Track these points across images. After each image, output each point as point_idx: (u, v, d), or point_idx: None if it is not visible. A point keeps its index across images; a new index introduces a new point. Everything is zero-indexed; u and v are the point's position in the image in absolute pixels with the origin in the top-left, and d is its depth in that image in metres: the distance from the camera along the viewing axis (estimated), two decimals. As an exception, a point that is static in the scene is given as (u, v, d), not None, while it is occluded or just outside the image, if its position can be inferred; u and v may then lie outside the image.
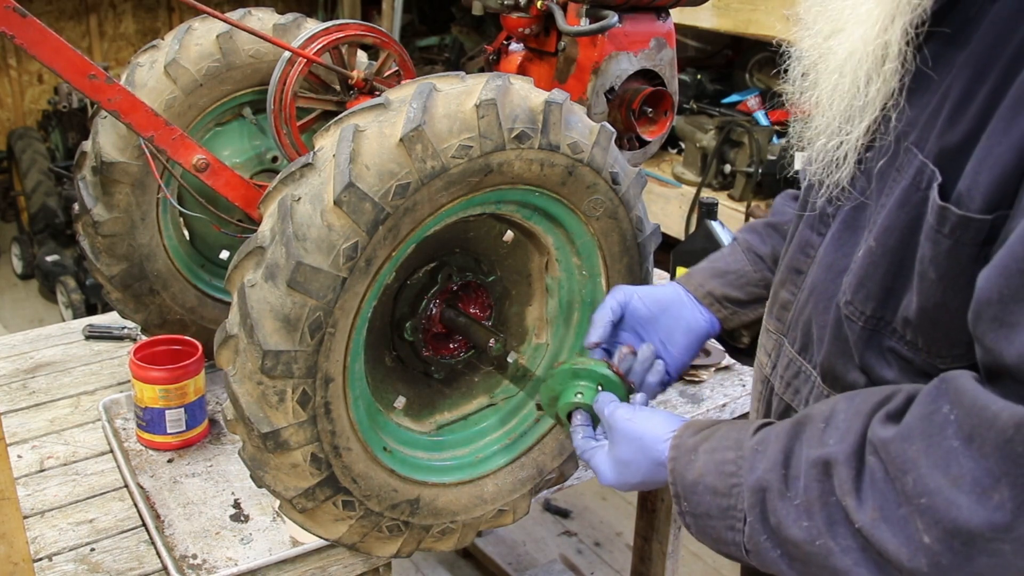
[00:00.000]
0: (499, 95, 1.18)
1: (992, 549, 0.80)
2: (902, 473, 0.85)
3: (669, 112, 1.77)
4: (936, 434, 0.83)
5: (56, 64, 1.28)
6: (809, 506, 0.91)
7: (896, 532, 0.85)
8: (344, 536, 1.30)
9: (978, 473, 0.80)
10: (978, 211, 0.85)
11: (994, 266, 0.81)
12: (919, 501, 0.83)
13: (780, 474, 0.95)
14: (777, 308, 1.17)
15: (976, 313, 0.84)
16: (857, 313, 0.99)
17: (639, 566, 2.30)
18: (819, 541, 0.90)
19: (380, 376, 1.43)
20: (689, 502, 1.04)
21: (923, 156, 0.91)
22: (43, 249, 5.05)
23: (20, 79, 6.07)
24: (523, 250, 1.49)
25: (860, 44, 0.94)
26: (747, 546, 0.98)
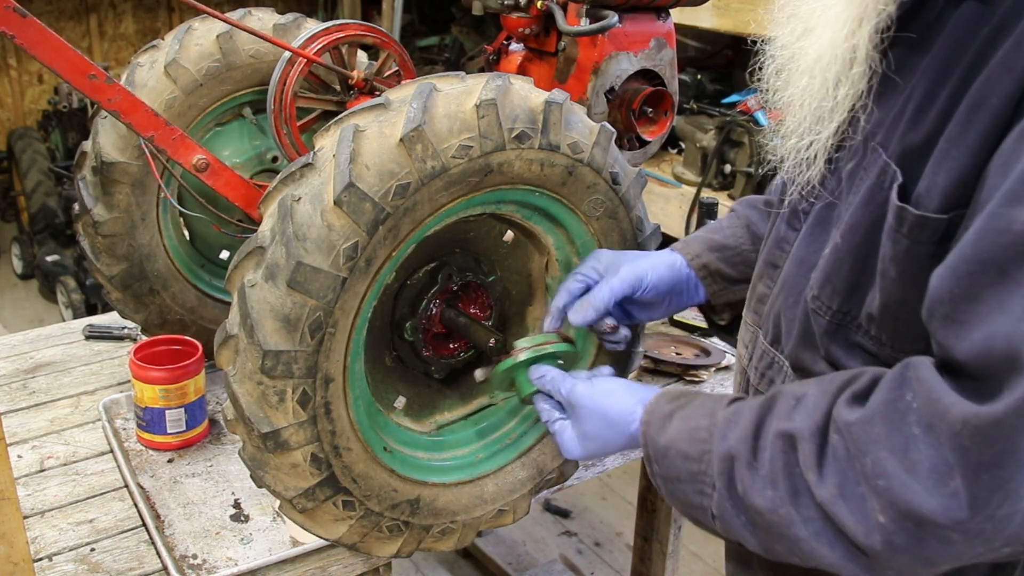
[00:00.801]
0: (499, 95, 1.18)
1: (943, 535, 0.83)
2: (862, 454, 0.87)
3: (669, 112, 1.77)
4: (898, 420, 0.85)
5: (56, 64, 1.28)
6: (774, 476, 0.94)
7: (853, 509, 0.88)
8: (344, 536, 1.30)
9: (935, 461, 0.82)
10: (935, 211, 0.87)
11: (946, 265, 0.83)
12: (876, 482, 0.86)
13: (749, 445, 0.97)
14: (755, 301, 1.19)
15: (929, 311, 0.86)
16: (824, 308, 1.02)
17: (639, 566, 2.30)
18: (782, 510, 0.93)
19: (380, 376, 1.43)
20: (660, 465, 1.07)
21: (887, 156, 0.93)
22: (43, 249, 5.05)
23: (20, 79, 6.07)
24: (523, 250, 1.49)
25: (829, 47, 0.96)
26: (714, 511, 1.01)
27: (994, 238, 0.79)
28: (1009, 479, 0.80)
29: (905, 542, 0.85)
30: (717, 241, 1.41)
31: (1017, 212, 0.77)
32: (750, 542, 0.99)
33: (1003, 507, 0.81)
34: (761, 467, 0.96)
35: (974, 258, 0.80)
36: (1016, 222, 0.77)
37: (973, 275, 0.81)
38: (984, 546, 0.83)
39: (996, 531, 0.82)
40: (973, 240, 0.81)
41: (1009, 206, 0.78)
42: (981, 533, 0.82)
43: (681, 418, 1.06)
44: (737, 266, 1.40)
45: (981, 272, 0.80)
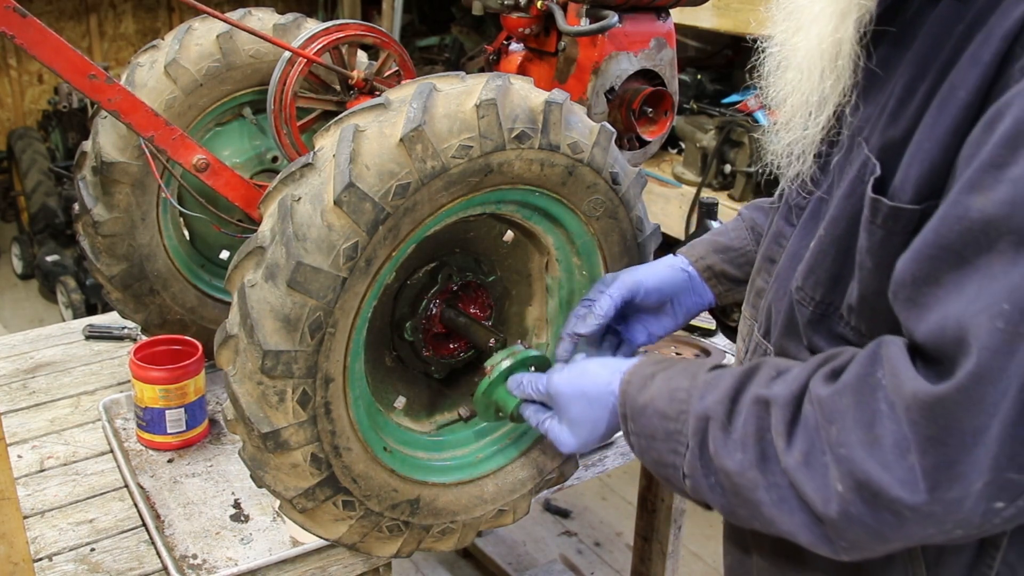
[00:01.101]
0: (499, 95, 1.18)
1: (896, 510, 0.85)
2: (829, 424, 0.90)
3: (669, 112, 1.77)
4: (867, 395, 0.88)
5: (56, 64, 1.28)
6: (745, 440, 0.96)
7: (815, 477, 0.90)
8: (344, 536, 1.30)
9: (897, 436, 0.84)
10: (908, 202, 0.90)
11: (910, 250, 0.86)
12: (839, 451, 0.88)
13: (726, 407, 0.99)
14: (753, 296, 1.21)
15: (893, 293, 0.89)
16: (807, 299, 1.04)
17: (639, 566, 2.30)
18: (749, 473, 0.95)
19: (380, 376, 1.43)
20: (636, 423, 1.10)
21: (868, 150, 0.96)
22: (43, 249, 5.05)
23: (20, 79, 6.07)
24: (523, 250, 1.49)
25: (816, 42, 0.99)
26: (685, 470, 1.03)
27: (952, 224, 0.81)
28: (956, 460, 0.82)
29: (860, 513, 0.87)
30: (721, 243, 1.43)
31: (974, 200, 0.80)
32: (716, 503, 1.02)
33: (952, 490, 0.82)
34: (734, 430, 0.98)
35: (935, 243, 0.83)
36: (972, 209, 0.80)
37: (933, 259, 0.83)
38: (935, 528, 0.85)
39: (946, 514, 0.84)
40: (935, 226, 0.83)
41: (967, 194, 0.80)
42: (932, 515, 0.84)
43: (663, 379, 1.09)
44: (742, 267, 1.41)
45: (940, 257, 0.83)
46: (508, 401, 1.30)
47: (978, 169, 0.80)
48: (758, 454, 0.95)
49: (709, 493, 1.02)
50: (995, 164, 0.79)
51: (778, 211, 1.17)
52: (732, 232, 1.44)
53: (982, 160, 0.80)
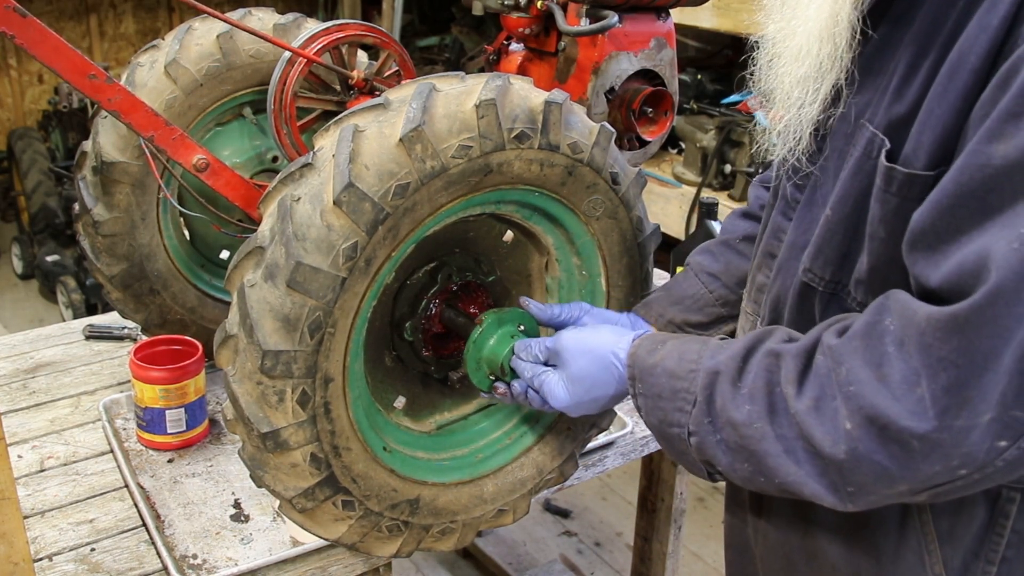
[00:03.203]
0: (499, 95, 1.18)
1: (904, 441, 0.87)
2: (838, 365, 0.92)
3: (669, 112, 1.76)
4: (876, 339, 0.90)
5: (56, 64, 1.28)
6: (754, 392, 0.98)
7: (824, 420, 0.92)
8: (344, 536, 1.30)
9: (906, 372, 0.86)
10: (922, 168, 0.92)
11: (929, 201, 0.88)
12: (848, 388, 0.90)
13: (737, 364, 1.02)
14: (754, 291, 1.22)
15: (911, 244, 0.91)
16: (817, 279, 1.06)
17: (639, 566, 2.30)
18: (757, 423, 0.97)
19: (380, 376, 1.43)
20: (644, 383, 1.11)
21: (873, 128, 0.98)
22: (43, 249, 5.05)
23: (20, 79, 6.07)
24: (523, 250, 1.49)
25: (814, 22, 1.01)
26: (691, 427, 1.04)
27: (974, 173, 0.83)
28: (966, 383, 0.83)
29: (868, 450, 0.88)
30: (675, 295, 1.44)
31: (995, 147, 0.82)
32: (722, 462, 1.02)
33: (960, 417, 0.84)
34: (744, 384, 1.00)
35: (955, 192, 0.85)
36: (995, 156, 0.82)
37: (955, 208, 0.85)
38: (942, 462, 0.86)
39: (953, 444, 0.85)
40: (955, 176, 0.85)
41: (988, 143, 0.82)
42: (939, 445, 0.85)
43: (675, 343, 1.11)
44: (703, 310, 1.43)
45: (962, 205, 0.85)
46: (498, 353, 1.31)
47: (997, 120, 0.82)
48: (767, 405, 0.97)
49: (714, 450, 1.02)
50: (1015, 113, 0.81)
51: (774, 207, 1.18)
52: (684, 282, 1.46)
53: (1001, 111, 0.82)
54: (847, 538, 1.10)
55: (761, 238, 1.21)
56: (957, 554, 1.02)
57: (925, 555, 1.04)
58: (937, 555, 1.03)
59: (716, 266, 1.44)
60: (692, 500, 3.51)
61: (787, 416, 0.95)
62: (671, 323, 1.42)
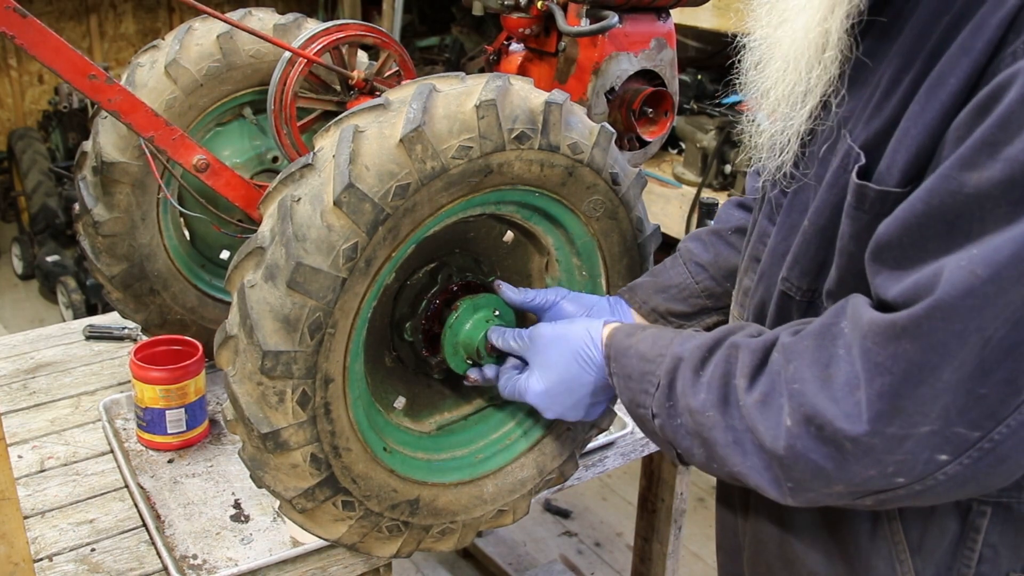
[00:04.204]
0: (499, 96, 1.18)
1: (838, 443, 0.88)
2: (787, 362, 0.94)
3: (669, 112, 1.76)
4: (829, 341, 0.92)
5: (56, 64, 1.28)
6: (711, 381, 1.01)
7: (769, 416, 0.94)
8: (344, 536, 1.30)
9: (849, 375, 0.88)
10: (895, 185, 0.92)
11: (896, 217, 0.88)
12: (792, 386, 0.92)
13: (701, 354, 1.04)
14: (740, 295, 1.22)
15: (874, 254, 0.91)
16: (794, 288, 1.07)
17: (639, 566, 2.30)
18: (709, 412, 0.99)
19: (380, 376, 1.43)
20: (618, 363, 1.14)
21: (851, 141, 0.98)
22: (43, 249, 5.05)
23: (20, 79, 6.07)
24: (523, 251, 1.49)
25: (803, 32, 1.00)
26: (654, 409, 1.08)
27: (944, 198, 0.84)
28: (900, 391, 0.84)
29: (805, 448, 0.90)
30: (661, 283, 1.43)
31: (969, 175, 0.82)
32: (680, 444, 1.05)
33: (892, 424, 0.85)
34: (704, 373, 1.02)
35: (924, 213, 0.85)
36: (968, 184, 0.82)
37: (922, 228, 0.86)
38: (875, 468, 0.88)
39: (885, 450, 0.86)
40: (925, 197, 0.85)
41: (961, 170, 0.82)
42: (871, 450, 0.86)
43: (654, 330, 1.15)
44: (687, 300, 1.42)
45: (929, 226, 0.85)
46: (473, 337, 1.34)
47: (973, 147, 0.82)
48: (721, 396, 0.99)
49: (674, 432, 1.05)
50: (990, 143, 0.81)
51: (761, 210, 1.18)
52: (671, 270, 1.45)
53: (977, 139, 0.82)
54: (823, 545, 1.11)
55: (748, 241, 1.22)
56: (928, 567, 1.02)
57: (896, 565, 1.04)
58: (909, 565, 1.03)
59: (705, 256, 1.43)
60: (692, 500, 3.51)
61: (737, 408, 0.97)
62: (654, 311, 1.41)
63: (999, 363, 0.82)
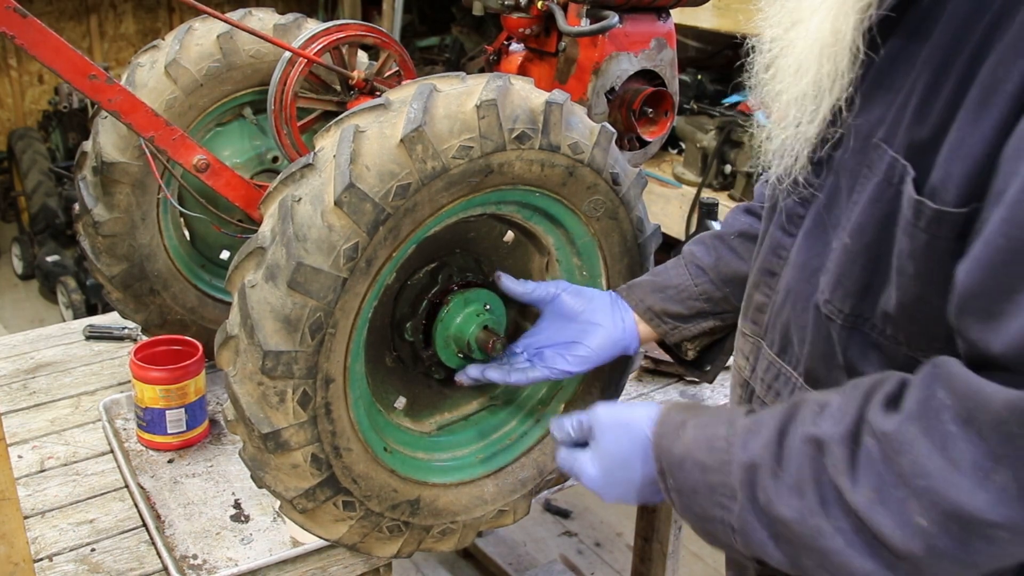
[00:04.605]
0: (499, 96, 1.18)
1: (990, 534, 0.79)
2: (898, 454, 0.84)
3: (669, 112, 1.77)
4: (933, 418, 0.82)
5: (56, 64, 1.28)
6: (801, 485, 0.90)
7: (892, 514, 0.84)
8: (344, 536, 1.30)
9: (977, 456, 0.79)
10: (952, 205, 0.84)
11: (974, 258, 0.81)
12: (917, 482, 0.82)
13: (773, 452, 0.93)
14: (752, 311, 1.16)
15: (960, 308, 0.83)
16: (836, 311, 0.99)
17: (639, 566, 2.30)
18: (811, 521, 0.89)
19: (380, 377, 1.43)
20: (675, 478, 1.02)
21: (893, 152, 0.91)
22: (43, 249, 5.05)
23: (20, 79, 6.07)
24: (523, 251, 1.49)
25: (815, 34, 0.94)
26: (734, 524, 0.96)
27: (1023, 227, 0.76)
28: None
29: (948, 545, 0.81)
30: (659, 283, 1.40)
31: None
32: (774, 557, 0.94)
33: None
34: (787, 475, 0.91)
35: (1006, 247, 0.78)
36: None
37: (1007, 265, 0.78)
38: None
39: None
40: (1002, 230, 0.78)
41: None
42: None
43: (696, 426, 1.02)
44: (684, 302, 1.39)
45: (1014, 262, 0.78)
46: (464, 331, 1.36)
47: None
48: (817, 499, 0.89)
49: (765, 546, 0.94)
50: None
51: (772, 220, 1.12)
52: (672, 270, 1.42)
53: None
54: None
55: (759, 253, 1.15)
56: None
57: None
58: None
59: (707, 260, 1.39)
60: (692, 500, 3.50)
61: (842, 508, 0.87)
62: (650, 310, 1.38)
63: None
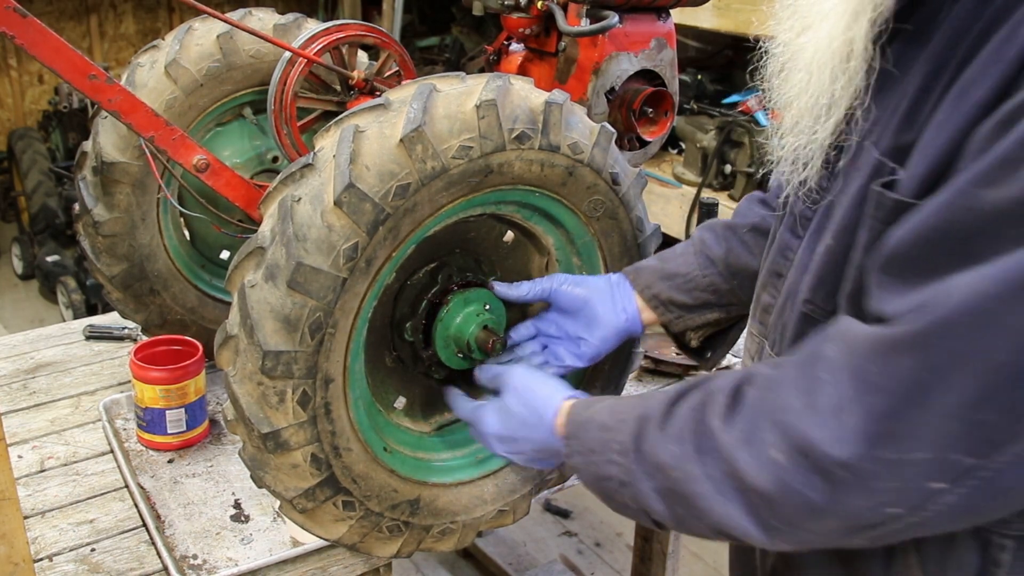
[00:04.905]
0: (499, 95, 1.18)
1: (829, 472, 0.84)
2: (769, 392, 0.91)
3: (669, 112, 1.77)
4: (809, 366, 0.88)
5: (56, 64, 1.28)
6: (681, 433, 0.96)
7: (752, 452, 0.89)
8: (344, 536, 1.30)
9: (835, 397, 0.84)
10: (911, 195, 0.87)
11: (909, 228, 0.84)
12: (776, 416, 0.88)
13: (664, 408, 1.00)
14: (760, 311, 1.17)
15: (881, 265, 0.87)
16: (819, 311, 1.01)
17: (639, 566, 2.30)
18: (685, 466, 0.95)
19: (380, 376, 1.43)
20: (579, 439, 1.09)
21: (878, 153, 0.93)
22: (44, 249, 5.05)
23: (20, 79, 6.07)
24: (523, 251, 1.49)
25: (826, 41, 0.95)
26: (624, 478, 1.02)
27: (960, 214, 0.80)
28: (895, 413, 0.81)
29: (793, 480, 0.86)
30: (668, 270, 1.40)
31: (987, 192, 0.78)
32: (657, 510, 1.00)
33: (887, 448, 0.81)
34: (672, 426, 0.98)
35: (937, 227, 0.82)
36: (985, 202, 0.78)
37: (934, 243, 0.82)
38: (867, 498, 0.83)
39: (877, 476, 0.82)
40: (938, 211, 0.82)
41: (979, 186, 0.79)
42: (863, 475, 0.82)
43: (610, 400, 1.12)
44: (691, 292, 1.39)
45: (942, 242, 0.82)
46: (464, 331, 1.36)
47: (993, 163, 0.78)
48: (695, 445, 0.95)
49: (648, 498, 0.99)
50: (1011, 160, 0.77)
51: (782, 222, 1.13)
52: (680, 257, 1.41)
53: (998, 154, 0.78)
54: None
55: (768, 254, 1.16)
56: None
57: None
58: None
59: (717, 251, 1.39)
60: (692, 500, 3.50)
61: (715, 453, 0.93)
62: (656, 297, 1.38)
63: (1001, 389, 0.78)
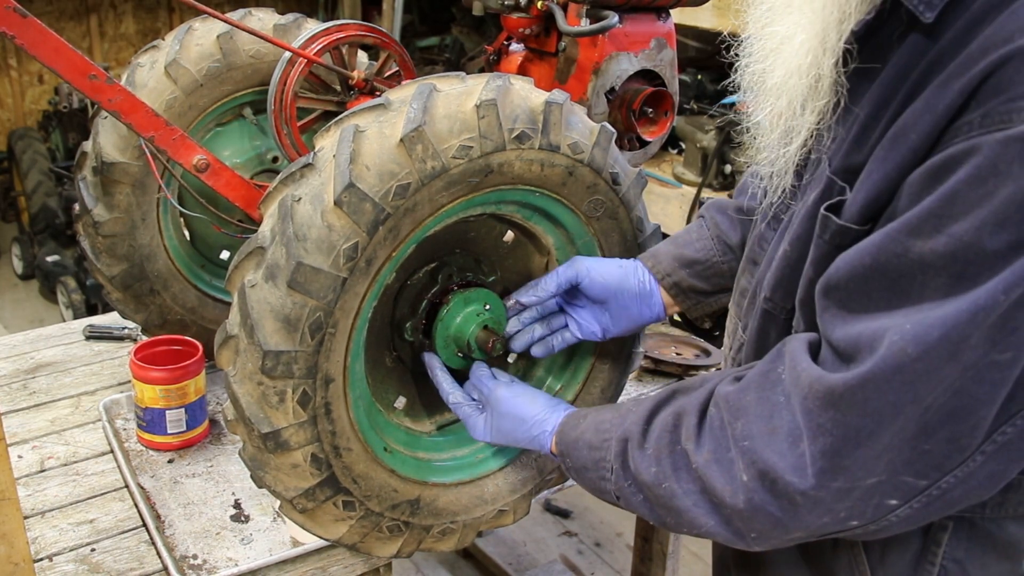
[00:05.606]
0: (499, 95, 1.18)
1: (791, 497, 0.91)
2: (734, 419, 0.98)
3: (669, 112, 1.77)
4: (768, 390, 0.96)
5: (56, 64, 1.28)
6: (659, 453, 1.05)
7: (723, 472, 0.97)
8: (344, 536, 1.30)
9: (791, 425, 0.92)
10: (853, 222, 0.94)
11: (849, 261, 0.91)
12: (743, 444, 0.96)
13: (642, 428, 1.08)
14: (738, 295, 1.23)
15: (825, 290, 0.94)
16: (778, 308, 1.09)
17: (639, 566, 2.30)
18: (665, 484, 1.03)
19: (380, 376, 1.43)
20: (571, 458, 1.18)
21: (831, 172, 0.99)
22: (43, 249, 5.05)
23: (20, 79, 6.07)
24: (523, 250, 1.49)
25: (795, 66, 1.00)
26: (616, 493, 1.12)
27: (891, 258, 0.87)
28: (841, 452, 0.88)
29: (762, 501, 0.94)
30: (687, 256, 1.42)
31: (914, 242, 0.85)
32: (652, 518, 1.08)
33: (837, 480, 0.89)
34: (649, 446, 1.06)
35: (872, 266, 0.89)
36: (912, 250, 0.85)
37: (868, 279, 0.89)
38: (828, 516, 0.92)
39: (835, 501, 0.90)
40: (873, 252, 0.89)
41: (908, 235, 0.85)
42: (820, 501, 0.90)
43: (593, 415, 1.19)
44: (710, 279, 1.42)
45: (876, 280, 0.89)
46: (464, 331, 1.36)
47: (920, 215, 0.85)
48: (671, 465, 1.03)
49: (642, 508, 1.08)
50: (936, 215, 0.83)
51: (762, 214, 1.18)
52: (698, 243, 1.43)
53: (925, 208, 0.84)
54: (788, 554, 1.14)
55: (749, 240, 1.22)
56: None
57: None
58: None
59: (734, 237, 1.41)
60: (692, 500, 3.50)
61: (689, 472, 1.01)
62: (677, 285, 1.40)
63: (940, 425, 0.85)
